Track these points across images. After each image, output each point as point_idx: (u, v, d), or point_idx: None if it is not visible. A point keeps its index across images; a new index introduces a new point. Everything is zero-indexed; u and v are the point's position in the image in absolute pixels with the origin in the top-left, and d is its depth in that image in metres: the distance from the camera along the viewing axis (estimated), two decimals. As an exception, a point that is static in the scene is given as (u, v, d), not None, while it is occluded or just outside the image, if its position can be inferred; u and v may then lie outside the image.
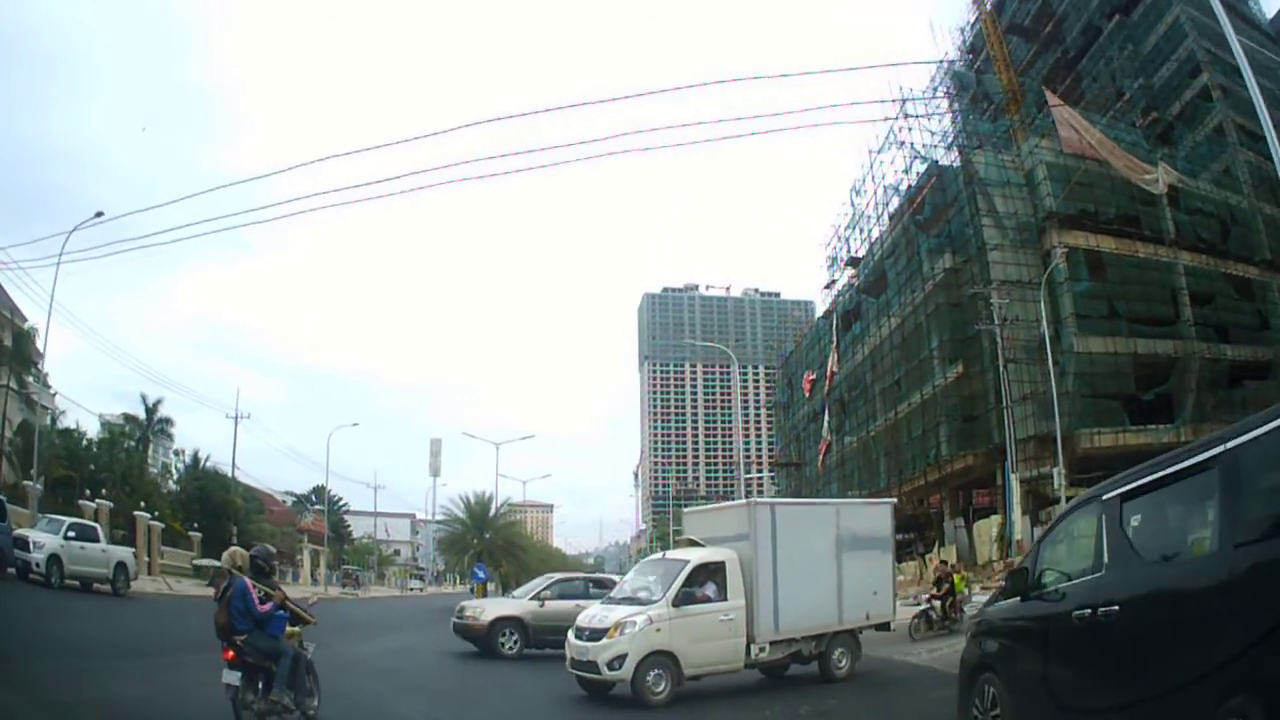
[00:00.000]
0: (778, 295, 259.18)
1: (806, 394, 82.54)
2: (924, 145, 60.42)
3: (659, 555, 21.55)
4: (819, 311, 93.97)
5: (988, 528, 48.48)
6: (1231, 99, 54.84)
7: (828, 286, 78.54)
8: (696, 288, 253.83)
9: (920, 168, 59.54)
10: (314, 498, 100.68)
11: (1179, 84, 58.26)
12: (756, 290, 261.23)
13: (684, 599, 17.05)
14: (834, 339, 72.91)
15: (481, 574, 55.54)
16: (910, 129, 60.15)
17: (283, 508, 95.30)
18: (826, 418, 74.44)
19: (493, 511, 67.51)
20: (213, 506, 66.13)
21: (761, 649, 17.94)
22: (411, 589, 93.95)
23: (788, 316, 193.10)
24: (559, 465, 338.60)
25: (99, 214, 36.66)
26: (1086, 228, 48.71)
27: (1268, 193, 54.34)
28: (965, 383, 52.54)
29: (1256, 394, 49.38)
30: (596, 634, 16.71)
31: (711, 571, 17.99)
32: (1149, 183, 49.79)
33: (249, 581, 11.48)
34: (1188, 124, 57.66)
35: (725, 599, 17.66)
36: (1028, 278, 48.87)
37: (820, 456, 75.57)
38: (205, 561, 51.43)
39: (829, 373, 73.12)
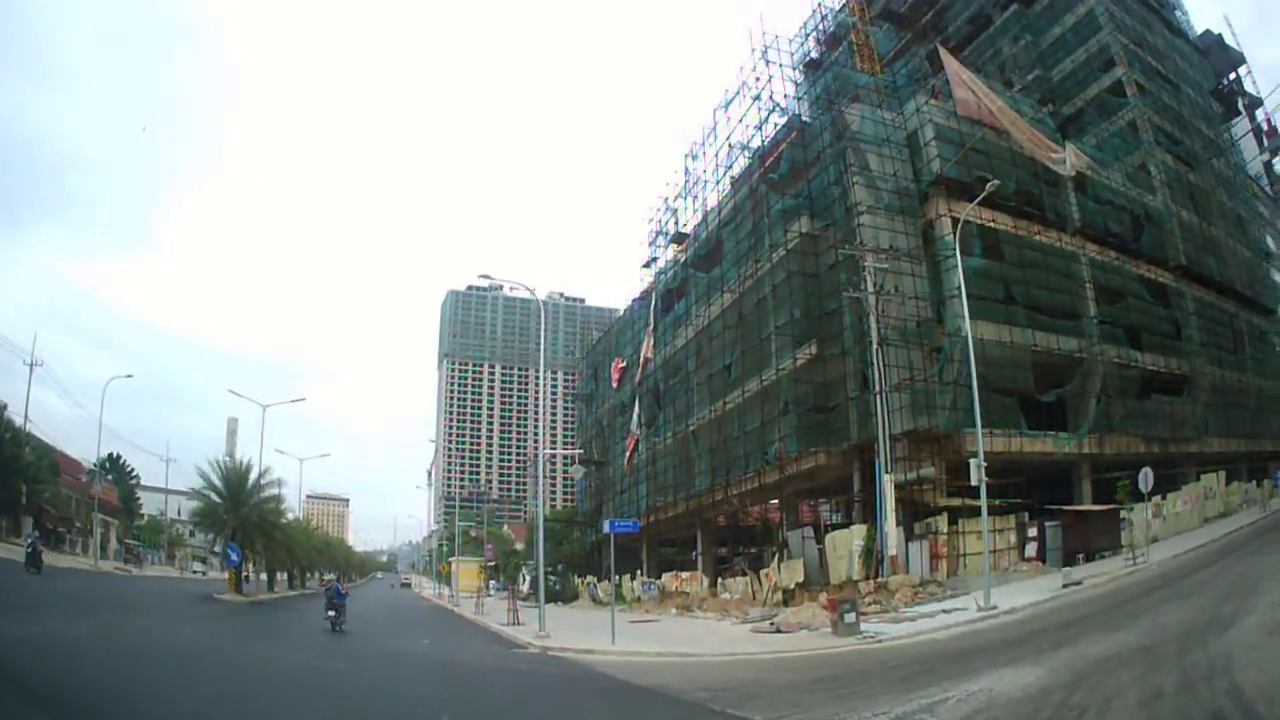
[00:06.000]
0: (582, 301, 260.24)
1: (614, 384, 74.22)
2: (785, 96, 52.64)
3: None
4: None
5: (846, 540, 38.92)
6: (1149, 98, 54.04)
7: (647, 265, 70.00)
8: (501, 287, 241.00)
9: (779, 120, 51.04)
10: (106, 466, 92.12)
11: (1085, 78, 56.56)
12: (561, 295, 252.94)
13: None
14: (650, 321, 64.67)
15: (234, 556, 53.33)
16: (771, 77, 51.35)
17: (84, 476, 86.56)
18: (636, 410, 66.11)
19: (251, 482, 57.36)
20: (2, 459, 62.05)
21: None
22: (195, 572, 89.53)
23: (591, 322, 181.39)
24: (360, 461, 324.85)
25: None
26: (981, 200, 38.69)
27: (1185, 197, 53.05)
28: (818, 367, 43.34)
29: (1171, 410, 46.85)
30: None
31: None
32: (1056, 162, 45.22)
33: (341, 584, 36.67)
34: (1100, 114, 54.48)
35: None
36: (906, 248, 41.47)
37: (627, 454, 67.77)
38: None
39: (642, 359, 65.06)
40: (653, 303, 64.71)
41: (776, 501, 50.09)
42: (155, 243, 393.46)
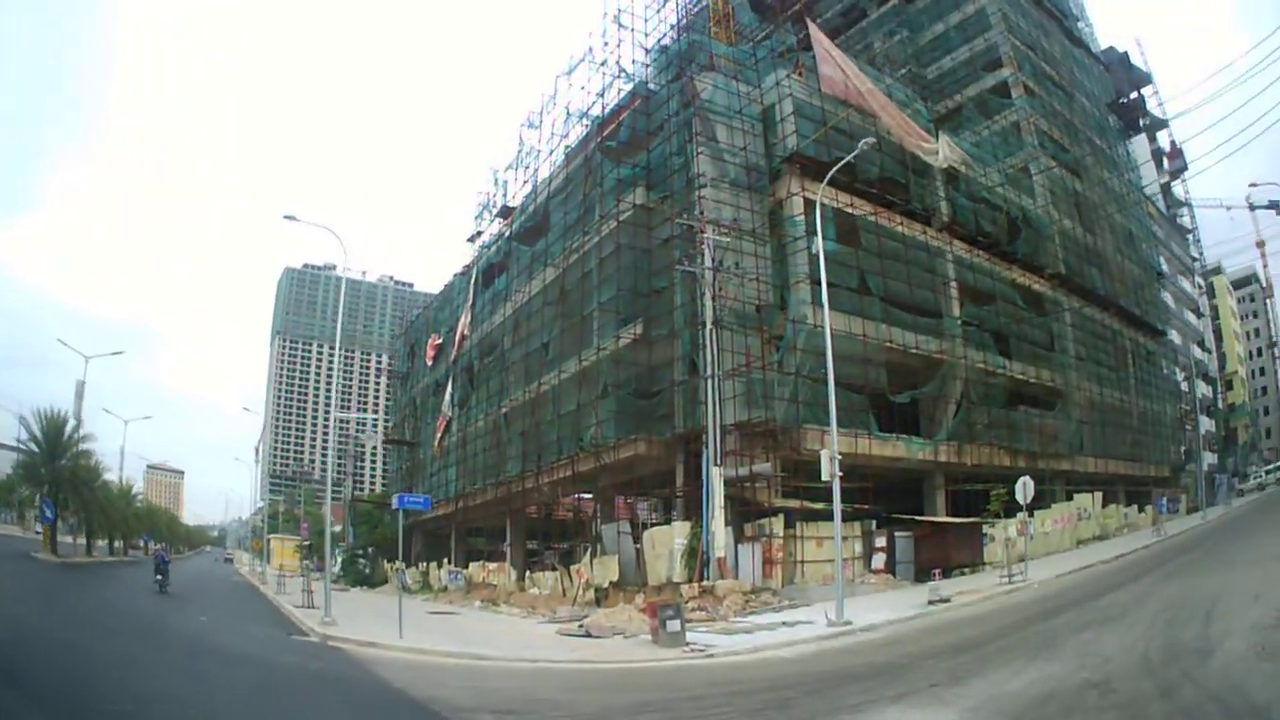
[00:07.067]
0: (411, 286, 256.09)
1: (429, 362, 70.76)
2: (634, 63, 47.04)
3: None
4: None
5: (666, 538, 34.78)
6: (1037, 101, 53.24)
7: (471, 239, 66.24)
8: (335, 267, 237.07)
9: (625, 87, 45.62)
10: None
11: (966, 76, 54.42)
12: (392, 279, 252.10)
13: None
14: (469, 297, 60.68)
15: (49, 513, 52.66)
16: (621, 41, 45.84)
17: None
18: (450, 389, 62.59)
19: (67, 434, 56.18)
20: None
21: None
22: (38, 533, 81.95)
23: (419, 305, 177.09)
24: (199, 434, 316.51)
25: None
26: (838, 183, 35.41)
27: (1069, 206, 51.02)
28: (643, 349, 39.26)
29: (1041, 424, 44.95)
30: None
31: None
32: (927, 152, 42.29)
33: (167, 553, 42.96)
34: (980, 113, 52.72)
35: None
36: (752, 226, 37.56)
37: (437, 435, 64.34)
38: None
39: (458, 336, 61.58)
40: (473, 278, 60.85)
41: (591, 496, 47.11)
42: (34, 203, 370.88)
